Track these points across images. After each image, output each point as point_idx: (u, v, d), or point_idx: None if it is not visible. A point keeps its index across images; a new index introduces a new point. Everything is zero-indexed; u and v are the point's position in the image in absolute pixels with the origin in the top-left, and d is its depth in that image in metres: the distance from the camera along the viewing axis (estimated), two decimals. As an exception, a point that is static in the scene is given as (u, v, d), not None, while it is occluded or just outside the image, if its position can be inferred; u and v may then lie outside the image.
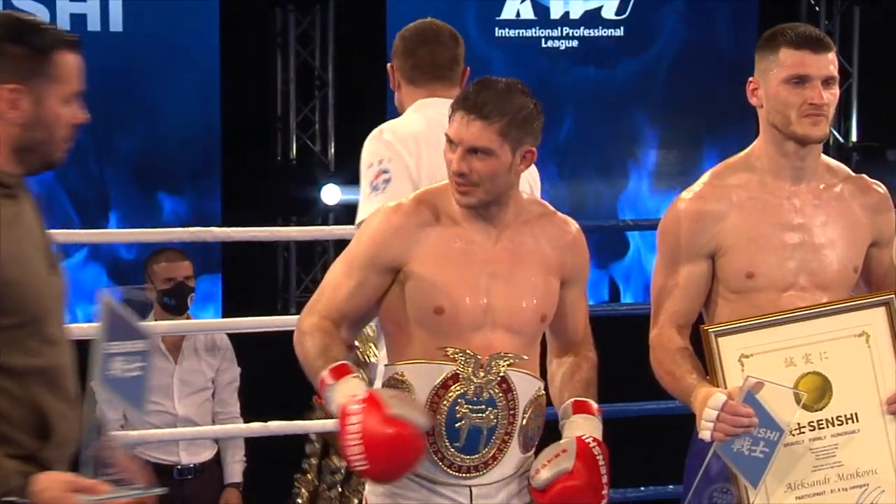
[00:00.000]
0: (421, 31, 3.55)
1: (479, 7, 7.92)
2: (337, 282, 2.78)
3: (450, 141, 2.72)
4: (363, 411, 2.59)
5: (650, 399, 4.02)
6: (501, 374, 2.71)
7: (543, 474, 2.71)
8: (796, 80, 2.83)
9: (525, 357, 2.76)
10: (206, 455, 4.98)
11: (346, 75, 7.73)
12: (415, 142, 3.40)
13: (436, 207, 2.76)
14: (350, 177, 6.67)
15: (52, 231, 2.53)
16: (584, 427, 2.78)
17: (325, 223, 7.27)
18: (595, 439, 2.76)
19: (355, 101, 7.55)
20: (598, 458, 2.72)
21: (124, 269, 7.15)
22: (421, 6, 7.47)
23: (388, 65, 3.59)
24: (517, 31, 8.03)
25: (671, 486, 3.99)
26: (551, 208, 2.88)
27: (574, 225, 2.87)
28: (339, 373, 2.68)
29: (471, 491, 2.73)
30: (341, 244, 3.12)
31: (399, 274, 2.74)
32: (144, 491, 2.51)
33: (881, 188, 3.01)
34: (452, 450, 2.71)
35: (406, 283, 2.73)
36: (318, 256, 7.73)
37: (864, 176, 3.01)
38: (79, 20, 7.20)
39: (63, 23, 7.18)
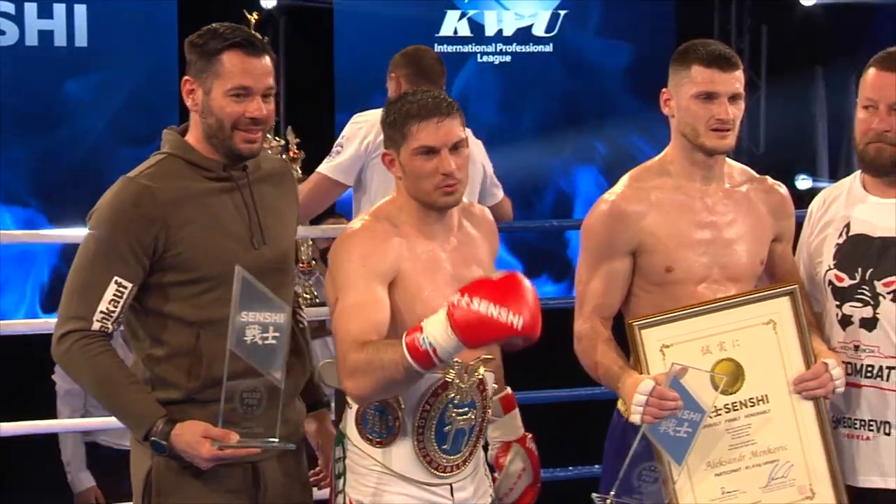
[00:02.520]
0: (422, 48, 4.43)
1: (420, 24, 7.91)
2: (355, 312, 2.59)
3: (428, 151, 2.66)
4: (475, 293, 2.42)
5: (577, 385, 4.04)
6: (481, 377, 2.72)
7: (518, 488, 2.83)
8: (705, 97, 2.85)
9: (492, 356, 2.77)
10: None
11: (296, 90, 7.71)
12: None
13: (393, 222, 2.71)
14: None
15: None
16: (516, 426, 2.89)
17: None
18: (528, 435, 2.84)
19: (305, 114, 7.53)
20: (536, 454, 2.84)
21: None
22: (367, 24, 7.50)
23: (390, 75, 4.29)
24: (455, 46, 8.04)
25: (597, 466, 4.01)
26: (466, 202, 2.86)
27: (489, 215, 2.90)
28: (414, 331, 2.49)
29: (451, 488, 2.73)
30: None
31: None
32: (272, 444, 2.61)
33: (783, 188, 3.04)
34: (440, 452, 2.70)
35: (392, 298, 2.65)
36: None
37: (768, 177, 3.05)
38: (46, 36, 7.16)
39: (31, 39, 7.13)
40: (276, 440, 2.64)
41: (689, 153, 2.91)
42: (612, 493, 2.75)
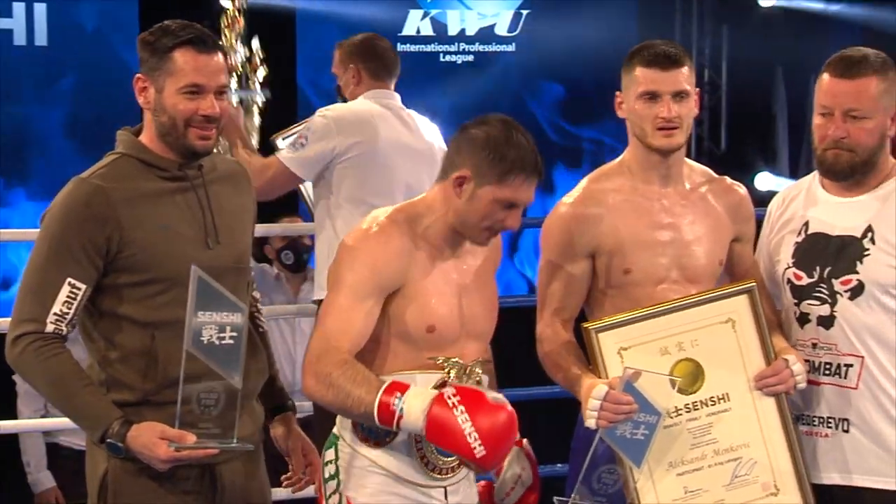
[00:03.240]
0: (382, 40, 4.30)
1: (383, 24, 7.90)
2: (346, 315, 2.58)
3: (649, 96, 2.81)
4: (464, 403, 2.47)
5: (540, 384, 4.03)
6: (479, 379, 2.69)
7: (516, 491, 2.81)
8: (648, 96, 2.86)
9: (490, 359, 2.79)
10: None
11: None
12: (369, 121, 4.06)
13: (411, 228, 2.66)
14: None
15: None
16: None
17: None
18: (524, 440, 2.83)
19: (267, 114, 7.50)
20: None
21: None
22: (329, 24, 7.47)
23: (346, 65, 4.23)
24: (418, 46, 8.04)
25: (559, 465, 4.00)
26: None
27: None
28: (397, 388, 2.51)
29: (445, 491, 2.70)
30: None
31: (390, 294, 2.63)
32: (229, 446, 2.59)
33: (742, 189, 3.05)
34: (437, 454, 2.66)
35: (393, 302, 2.62)
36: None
37: (726, 178, 3.05)
38: (5, 35, 7.08)
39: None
40: (234, 441, 2.61)
41: (644, 155, 2.92)
42: (574, 495, 2.76)
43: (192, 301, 2.52)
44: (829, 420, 2.90)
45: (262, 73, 4.14)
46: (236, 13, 4.01)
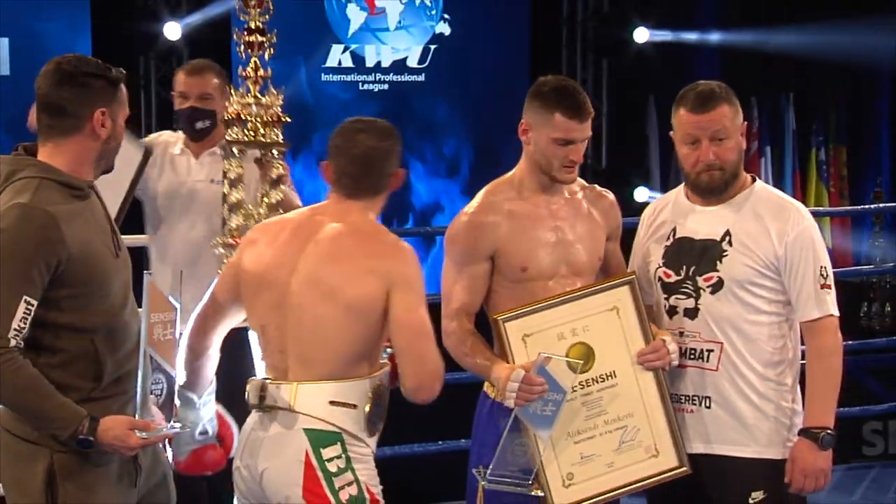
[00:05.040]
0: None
1: (308, 57, 7.87)
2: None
3: (564, 142, 2.85)
4: None
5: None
6: None
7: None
8: (563, 142, 2.88)
9: None
10: None
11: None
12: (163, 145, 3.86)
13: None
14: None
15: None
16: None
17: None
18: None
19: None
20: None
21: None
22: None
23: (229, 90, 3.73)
24: (339, 76, 8.00)
25: (462, 441, 4.01)
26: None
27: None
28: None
29: None
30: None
31: None
32: (176, 430, 2.58)
33: (610, 195, 3.08)
34: None
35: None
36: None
37: (596, 186, 3.09)
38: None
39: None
40: (179, 425, 2.58)
41: (538, 175, 2.95)
42: (490, 466, 2.76)
43: (146, 305, 2.47)
44: (694, 398, 2.92)
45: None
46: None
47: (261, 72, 3.52)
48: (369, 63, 8.01)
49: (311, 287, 2.62)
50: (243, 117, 3.49)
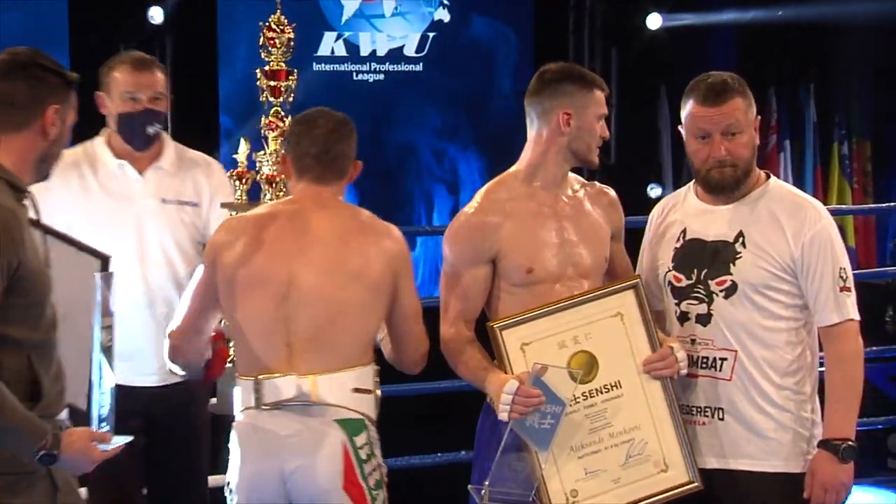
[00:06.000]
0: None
1: (299, 45, 7.81)
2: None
3: (601, 117, 2.93)
4: None
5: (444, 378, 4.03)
6: None
7: None
8: (599, 116, 2.93)
9: None
10: None
11: (182, 111, 7.58)
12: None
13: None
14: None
15: None
16: None
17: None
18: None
19: (189, 133, 7.43)
20: None
21: None
22: (249, 43, 7.39)
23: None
24: (332, 65, 7.98)
25: (463, 452, 4.00)
26: None
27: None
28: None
29: None
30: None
31: None
32: (125, 440, 2.56)
33: (611, 191, 3.09)
34: None
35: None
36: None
37: (596, 182, 3.11)
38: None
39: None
40: (124, 436, 2.54)
41: (561, 166, 2.96)
42: (487, 482, 2.75)
43: (98, 308, 2.41)
44: (706, 409, 2.92)
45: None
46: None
47: (288, 121, 3.54)
48: (364, 52, 7.99)
49: (331, 275, 2.76)
50: (278, 179, 3.55)
